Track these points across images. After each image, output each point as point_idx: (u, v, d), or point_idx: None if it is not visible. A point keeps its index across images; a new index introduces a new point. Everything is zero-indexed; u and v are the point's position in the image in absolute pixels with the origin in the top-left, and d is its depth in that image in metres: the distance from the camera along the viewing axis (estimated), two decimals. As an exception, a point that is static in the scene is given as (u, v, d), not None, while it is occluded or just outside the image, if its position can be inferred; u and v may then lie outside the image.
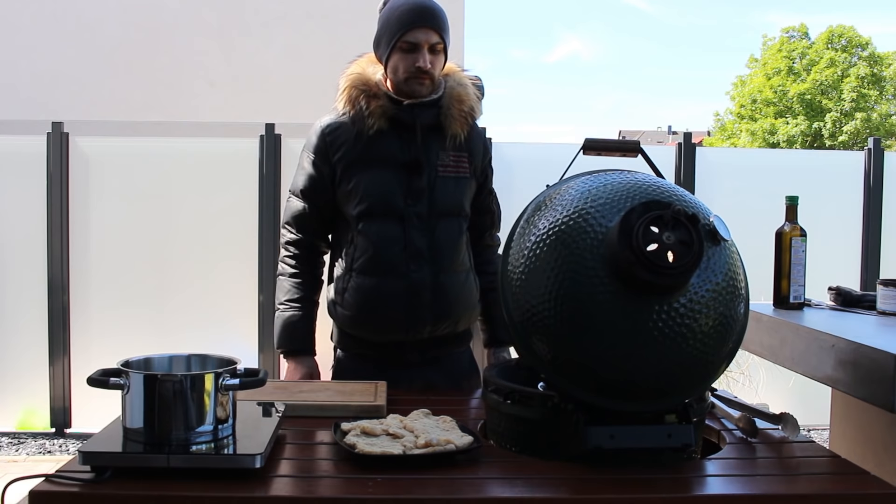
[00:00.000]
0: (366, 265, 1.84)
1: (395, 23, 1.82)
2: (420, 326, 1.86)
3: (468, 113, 1.90)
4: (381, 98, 1.84)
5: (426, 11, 1.81)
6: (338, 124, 1.88)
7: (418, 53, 1.81)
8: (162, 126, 5.60)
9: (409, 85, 1.83)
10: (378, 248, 1.83)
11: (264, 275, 4.20)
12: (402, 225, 1.84)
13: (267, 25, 6.49)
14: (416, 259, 1.83)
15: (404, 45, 1.81)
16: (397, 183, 1.84)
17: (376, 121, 1.83)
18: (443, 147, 1.88)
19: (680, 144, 4.42)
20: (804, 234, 2.03)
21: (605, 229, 1.23)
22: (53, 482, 1.14)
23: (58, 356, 4.21)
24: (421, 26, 1.80)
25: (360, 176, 1.85)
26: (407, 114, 1.84)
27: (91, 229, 4.25)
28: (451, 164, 1.89)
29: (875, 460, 1.86)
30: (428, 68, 1.81)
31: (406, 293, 1.83)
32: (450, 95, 1.89)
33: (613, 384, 1.23)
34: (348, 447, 1.25)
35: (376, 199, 1.83)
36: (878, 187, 4.42)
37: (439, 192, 1.86)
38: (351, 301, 1.87)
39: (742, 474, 1.27)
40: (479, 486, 1.18)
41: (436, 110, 1.87)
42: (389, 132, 1.85)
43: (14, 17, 6.32)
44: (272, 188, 4.20)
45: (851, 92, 23.60)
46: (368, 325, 1.88)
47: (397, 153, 1.85)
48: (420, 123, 1.85)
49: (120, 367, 1.23)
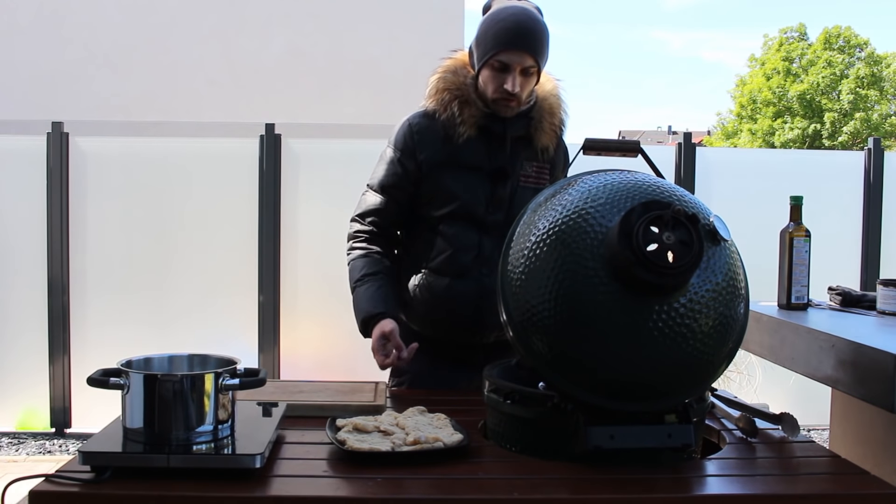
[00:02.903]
0: (441, 265, 1.84)
1: (492, 39, 1.76)
2: (488, 330, 1.86)
3: (558, 126, 1.90)
4: (473, 105, 1.82)
5: (524, 33, 1.74)
6: (427, 123, 1.85)
7: (508, 75, 1.76)
8: (162, 126, 5.61)
9: (495, 105, 1.80)
10: (455, 249, 1.83)
11: (264, 275, 4.20)
12: (478, 232, 1.84)
13: (267, 25, 6.49)
14: (487, 264, 1.83)
15: (496, 64, 1.76)
16: (481, 190, 1.83)
17: (468, 129, 1.81)
18: (528, 157, 1.87)
19: (680, 144, 4.42)
20: (808, 235, 2.03)
21: (605, 229, 1.23)
22: (53, 482, 1.14)
23: (58, 356, 4.20)
24: (516, 49, 1.74)
25: (445, 179, 1.83)
26: (498, 124, 1.83)
27: (91, 229, 4.25)
28: (532, 175, 1.88)
29: (875, 460, 1.86)
30: (516, 91, 1.76)
31: (476, 296, 1.83)
32: (541, 107, 1.87)
33: (613, 384, 1.23)
34: (338, 443, 1.26)
35: (460, 205, 1.82)
36: (878, 187, 4.41)
37: (518, 202, 1.84)
38: (421, 298, 1.86)
39: (742, 474, 1.27)
40: (479, 486, 1.18)
41: (526, 121, 1.85)
42: (478, 139, 1.83)
43: (14, 17, 6.32)
44: (272, 188, 4.20)
45: (849, 94, 23.60)
46: (437, 324, 1.87)
47: (484, 161, 1.84)
48: (510, 134, 1.84)
49: (120, 367, 1.23)
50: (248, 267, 4.23)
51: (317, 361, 4.20)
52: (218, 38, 6.41)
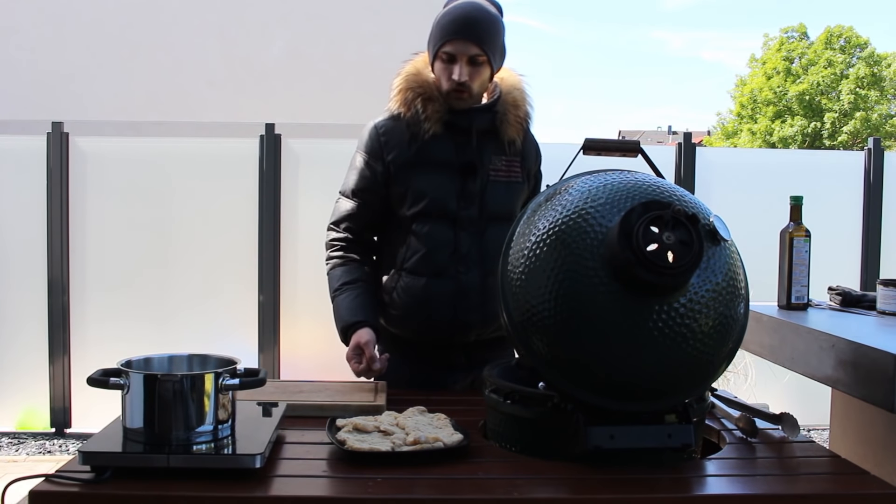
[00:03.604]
0: (416, 265, 1.84)
1: (438, 31, 1.81)
2: (467, 329, 1.86)
3: (523, 118, 1.90)
4: (437, 101, 1.83)
5: (468, 23, 1.78)
6: (392, 125, 1.87)
7: (455, 65, 1.79)
8: (162, 126, 5.61)
9: (449, 98, 1.82)
10: (429, 248, 1.83)
11: (264, 275, 4.20)
12: (453, 228, 1.84)
13: (267, 25, 6.49)
14: (464, 262, 1.83)
15: (444, 56, 1.80)
16: (451, 185, 1.84)
17: (432, 125, 1.82)
18: (496, 152, 1.88)
19: (680, 144, 4.42)
20: (808, 235, 2.03)
21: (605, 229, 1.23)
22: (53, 482, 1.14)
23: (58, 356, 4.21)
24: (460, 38, 1.78)
25: (414, 177, 1.84)
26: (463, 119, 1.84)
27: (91, 229, 4.25)
28: (502, 169, 1.88)
29: (875, 460, 1.86)
30: (463, 80, 1.78)
31: (454, 295, 1.83)
32: (505, 101, 1.88)
33: (613, 384, 1.23)
34: (338, 443, 1.26)
35: (431, 202, 1.83)
36: (878, 187, 4.41)
37: (490, 196, 1.86)
38: (399, 301, 1.86)
39: (742, 474, 1.27)
40: (480, 486, 1.18)
41: (491, 115, 1.86)
42: (444, 135, 1.84)
43: (14, 17, 6.32)
44: (272, 188, 4.20)
45: (850, 94, 23.60)
46: (416, 325, 1.87)
47: (452, 157, 1.85)
48: (476, 128, 1.84)
49: (120, 367, 1.23)
50: (248, 267, 4.23)
51: (317, 361, 4.19)
52: (218, 38, 6.41)
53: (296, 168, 4.25)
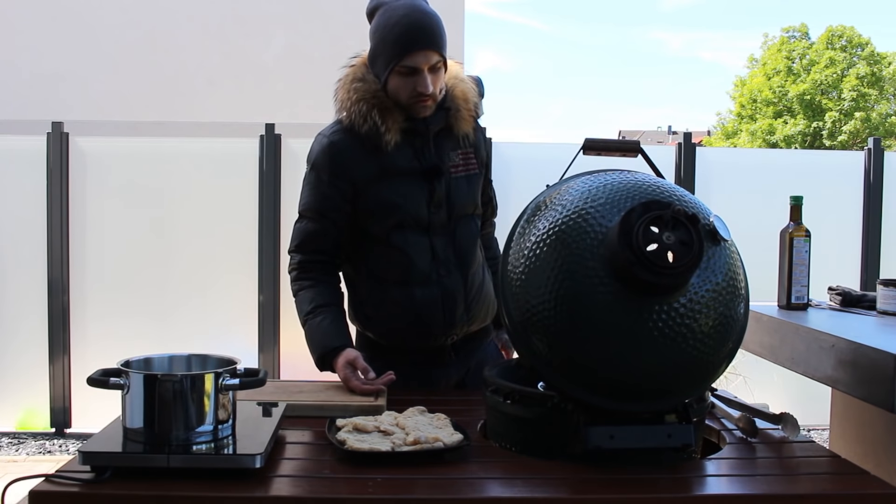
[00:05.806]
0: (402, 276, 1.81)
1: (392, 46, 1.71)
2: (454, 329, 1.85)
3: (473, 110, 1.88)
4: (393, 111, 1.77)
5: (423, 32, 1.70)
6: (347, 139, 1.79)
7: (418, 77, 1.72)
8: (162, 126, 5.61)
9: (412, 108, 1.76)
10: (411, 258, 1.80)
11: (264, 275, 4.20)
12: (427, 234, 1.81)
13: (267, 25, 6.49)
14: (444, 265, 1.82)
15: (403, 70, 1.71)
16: (420, 192, 1.80)
17: (393, 136, 1.76)
18: (452, 147, 1.85)
19: (680, 144, 4.42)
20: (808, 235, 2.03)
21: (605, 229, 1.23)
22: (53, 482, 1.14)
23: (58, 356, 4.20)
24: (419, 49, 1.71)
25: (383, 191, 1.79)
26: (420, 123, 1.80)
27: (91, 229, 4.25)
28: (461, 164, 1.86)
29: (875, 460, 1.86)
30: (430, 91, 1.73)
31: (442, 300, 1.82)
32: (453, 95, 1.84)
33: (613, 384, 1.23)
34: (338, 443, 1.26)
35: (404, 213, 1.79)
36: (878, 187, 4.41)
37: (454, 194, 1.84)
38: (388, 313, 1.83)
39: (742, 474, 1.27)
40: (480, 486, 1.18)
41: (444, 113, 1.83)
42: (403, 142, 1.79)
43: (14, 17, 6.32)
44: (272, 188, 4.20)
45: (851, 91, 23.60)
46: (407, 335, 1.84)
47: (414, 162, 1.80)
48: (433, 129, 1.81)
49: (120, 367, 1.23)
50: (248, 267, 4.23)
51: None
52: (218, 37, 6.41)
53: (296, 168, 4.24)
